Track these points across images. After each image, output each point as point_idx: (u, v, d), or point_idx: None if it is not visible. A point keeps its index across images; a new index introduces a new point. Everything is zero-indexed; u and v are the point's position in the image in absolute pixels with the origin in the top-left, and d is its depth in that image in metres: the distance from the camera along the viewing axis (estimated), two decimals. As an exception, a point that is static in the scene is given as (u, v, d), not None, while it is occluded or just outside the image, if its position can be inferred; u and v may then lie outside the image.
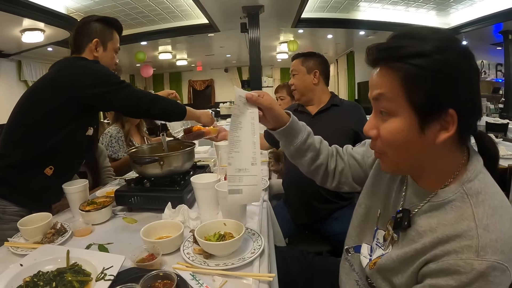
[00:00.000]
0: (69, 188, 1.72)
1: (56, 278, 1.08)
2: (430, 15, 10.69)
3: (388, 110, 0.91)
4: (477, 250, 0.81)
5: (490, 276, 0.79)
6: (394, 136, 0.91)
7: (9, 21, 7.30)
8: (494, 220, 0.84)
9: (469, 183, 0.91)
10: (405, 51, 0.86)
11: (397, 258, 0.99)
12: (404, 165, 0.98)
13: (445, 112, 0.85)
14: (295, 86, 2.56)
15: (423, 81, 0.85)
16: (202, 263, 1.19)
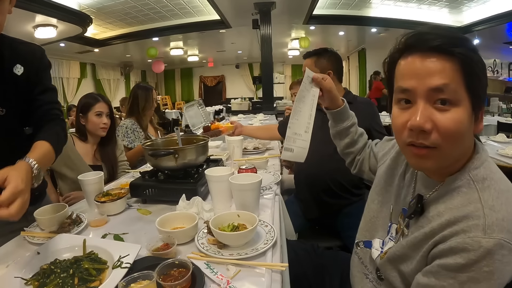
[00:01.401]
0: (85, 180, 1.75)
1: (73, 265, 1.09)
2: (443, 12, 10.60)
3: (453, 99, 0.88)
4: (484, 229, 0.82)
5: (497, 255, 0.80)
6: (458, 125, 0.89)
7: (22, 17, 7.38)
8: (500, 202, 0.86)
9: (475, 170, 0.94)
10: (461, 42, 0.89)
11: (406, 244, 1.01)
12: (451, 158, 0.95)
13: (483, 104, 0.92)
14: None
15: (478, 68, 0.89)
16: (216, 253, 1.20)
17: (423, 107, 0.90)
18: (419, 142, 0.92)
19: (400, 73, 0.97)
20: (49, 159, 1.43)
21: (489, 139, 4.20)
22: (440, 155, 0.92)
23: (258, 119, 6.76)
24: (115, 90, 17.18)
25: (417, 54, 0.92)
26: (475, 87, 0.89)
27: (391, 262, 1.08)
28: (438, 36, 0.90)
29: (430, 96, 0.90)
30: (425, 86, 0.89)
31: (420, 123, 0.89)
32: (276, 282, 1.08)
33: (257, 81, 12.91)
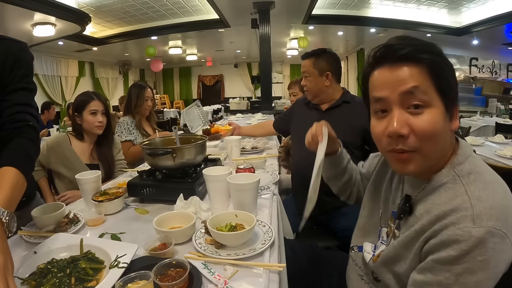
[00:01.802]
0: (82, 179, 1.75)
1: (70, 265, 1.09)
2: (442, 13, 10.62)
3: (424, 102, 0.93)
4: (473, 219, 0.84)
5: (489, 243, 0.82)
6: (433, 126, 0.93)
7: (20, 15, 7.36)
8: (487, 192, 0.89)
9: (459, 165, 0.97)
10: (426, 48, 0.96)
11: (398, 244, 1.03)
12: (432, 158, 0.98)
13: (456, 103, 0.98)
14: (307, 88, 2.54)
15: (445, 70, 0.95)
16: (213, 253, 1.20)
17: (398, 113, 0.95)
18: (399, 148, 0.96)
19: (373, 85, 1.03)
20: (19, 191, 1.22)
21: (487, 140, 4.22)
22: (421, 157, 0.96)
23: (256, 119, 6.76)
24: (113, 89, 17.15)
25: (387, 64, 0.98)
26: (445, 88, 0.94)
27: (385, 264, 1.10)
28: (404, 46, 0.96)
29: (403, 102, 0.94)
30: (397, 92, 0.94)
31: (397, 129, 0.93)
32: (274, 283, 1.07)
33: (255, 80, 12.97)
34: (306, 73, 2.52)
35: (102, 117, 2.56)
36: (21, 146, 1.32)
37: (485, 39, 12.05)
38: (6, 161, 1.22)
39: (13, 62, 1.42)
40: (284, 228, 1.89)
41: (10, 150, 1.29)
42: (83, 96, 2.63)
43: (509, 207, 0.88)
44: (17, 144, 1.32)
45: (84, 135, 2.61)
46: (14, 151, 1.29)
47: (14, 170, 1.21)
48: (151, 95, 3.73)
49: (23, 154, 1.30)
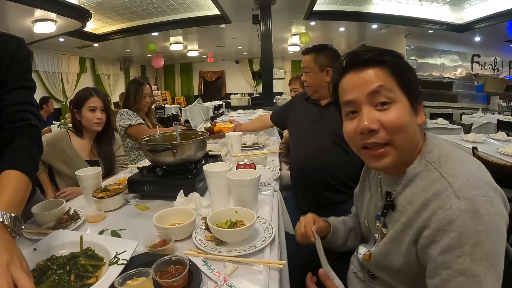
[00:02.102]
0: (83, 175, 1.75)
1: (70, 262, 1.09)
2: (444, 9, 10.60)
3: (390, 98, 1.01)
4: (456, 195, 0.89)
5: (481, 211, 0.86)
6: (400, 119, 1.00)
7: (21, 12, 7.35)
8: (460, 168, 0.95)
9: (429, 154, 1.04)
10: (387, 52, 1.06)
11: (388, 240, 1.07)
12: (406, 150, 1.04)
13: (419, 99, 1.06)
14: (307, 84, 2.54)
15: (406, 70, 1.05)
16: (213, 249, 1.20)
17: (367, 111, 1.03)
18: (371, 141, 1.03)
19: (343, 90, 1.11)
20: (23, 194, 1.16)
21: (489, 137, 4.20)
22: (395, 150, 1.03)
23: (257, 115, 6.75)
24: (114, 85, 17.12)
25: (353, 70, 1.07)
26: (407, 86, 1.03)
27: (378, 263, 1.14)
28: (367, 51, 1.06)
29: (371, 100, 1.03)
30: (365, 93, 1.03)
31: (367, 125, 1.01)
32: (274, 280, 1.07)
33: (257, 76, 12.91)
34: (306, 68, 2.52)
35: (102, 114, 2.54)
36: (23, 146, 1.27)
37: (488, 36, 12.01)
38: (8, 163, 1.18)
39: (10, 60, 1.35)
40: (285, 225, 1.88)
41: (12, 152, 1.24)
42: (82, 92, 2.61)
43: (485, 175, 0.95)
44: (18, 144, 1.27)
45: (83, 131, 2.58)
46: (16, 153, 1.24)
47: (17, 173, 1.16)
48: (150, 92, 3.76)
49: (26, 155, 1.25)
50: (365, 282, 1.28)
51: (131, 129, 3.46)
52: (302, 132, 2.54)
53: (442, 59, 14.05)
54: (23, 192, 1.16)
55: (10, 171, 1.16)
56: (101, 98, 2.58)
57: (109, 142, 2.66)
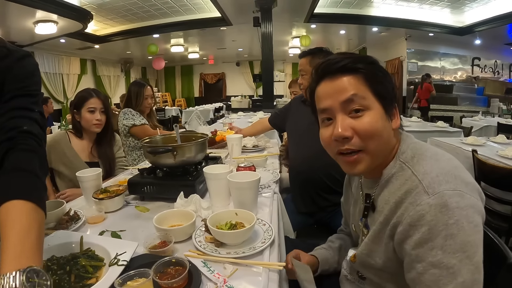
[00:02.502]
0: (83, 176, 1.75)
1: (70, 262, 1.09)
2: (444, 12, 10.61)
3: (363, 106, 1.03)
4: (425, 191, 0.91)
5: (451, 204, 0.87)
6: (374, 125, 1.03)
7: (22, 13, 7.36)
8: (430, 164, 0.98)
9: (403, 154, 1.06)
10: (360, 59, 1.08)
11: (369, 240, 1.10)
12: (381, 156, 1.08)
13: (394, 104, 1.08)
14: (304, 86, 2.54)
15: (380, 77, 1.07)
16: (213, 251, 1.20)
17: (341, 119, 1.05)
18: (345, 148, 1.06)
19: (318, 97, 1.13)
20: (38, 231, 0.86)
21: (489, 140, 4.20)
22: (368, 156, 1.06)
23: (258, 117, 6.75)
24: (115, 87, 17.15)
25: (328, 78, 1.09)
26: (380, 92, 1.05)
27: (363, 263, 1.17)
28: (341, 59, 1.07)
29: (345, 108, 1.05)
30: (338, 101, 1.05)
31: (341, 133, 1.03)
32: (273, 282, 1.07)
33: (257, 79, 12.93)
34: (302, 71, 2.53)
35: (101, 115, 2.53)
36: (18, 164, 0.98)
37: (488, 39, 12.03)
38: (4, 193, 0.89)
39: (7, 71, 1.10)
40: (285, 227, 1.89)
41: (6, 175, 0.95)
42: (82, 93, 2.60)
43: (455, 168, 0.96)
44: (12, 163, 0.97)
45: (83, 132, 2.58)
46: (11, 176, 0.95)
47: (18, 203, 0.87)
48: (151, 93, 3.77)
49: (24, 175, 0.96)
50: (355, 283, 1.30)
51: (135, 129, 3.50)
52: (300, 134, 2.55)
53: (443, 62, 14.06)
54: (35, 228, 0.86)
55: (8, 203, 0.86)
56: (101, 99, 2.58)
57: (109, 144, 2.66)
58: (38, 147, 1.05)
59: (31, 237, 0.82)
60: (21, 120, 1.05)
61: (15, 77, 1.10)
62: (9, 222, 0.82)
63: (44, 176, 1.03)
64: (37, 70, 1.20)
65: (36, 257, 0.80)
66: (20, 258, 0.76)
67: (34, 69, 1.19)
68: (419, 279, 0.91)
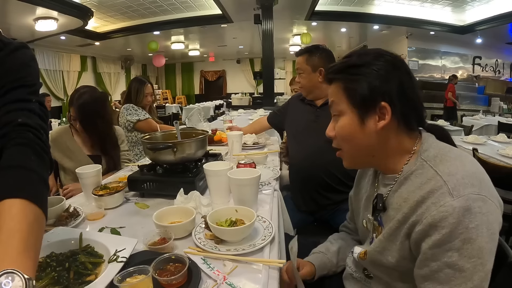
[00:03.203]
0: (83, 173, 1.75)
1: (69, 259, 1.08)
2: (445, 11, 10.60)
3: (338, 112, 1.14)
4: (450, 193, 0.90)
5: (474, 208, 0.87)
6: (343, 130, 1.13)
7: (22, 10, 7.36)
8: (455, 166, 0.97)
9: (425, 152, 1.06)
10: (340, 66, 1.14)
11: (383, 237, 1.10)
12: (359, 156, 1.16)
13: (379, 105, 1.05)
14: (301, 85, 2.55)
15: (355, 85, 1.09)
16: (213, 248, 1.19)
17: (332, 120, 1.19)
18: (333, 146, 1.20)
19: None
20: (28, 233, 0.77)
21: (490, 139, 4.20)
22: (346, 154, 1.18)
23: (258, 114, 6.73)
24: (115, 84, 17.15)
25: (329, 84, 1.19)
26: (354, 98, 1.09)
27: (374, 260, 1.16)
28: (330, 70, 1.17)
29: (332, 112, 1.18)
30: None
31: (327, 132, 1.20)
32: (273, 279, 1.07)
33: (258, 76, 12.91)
34: (299, 69, 2.53)
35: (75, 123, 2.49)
36: (8, 162, 0.90)
37: (489, 37, 12.02)
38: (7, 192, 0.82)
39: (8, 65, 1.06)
40: (285, 224, 1.88)
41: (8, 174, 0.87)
42: (70, 97, 2.57)
43: (479, 172, 0.96)
44: (3, 161, 0.90)
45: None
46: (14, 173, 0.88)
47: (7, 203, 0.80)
48: (151, 91, 3.80)
49: (14, 171, 0.88)
50: (361, 282, 1.30)
51: (141, 124, 3.54)
52: (299, 132, 2.54)
53: (443, 61, 14.06)
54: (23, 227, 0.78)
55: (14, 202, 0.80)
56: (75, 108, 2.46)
57: (110, 137, 2.64)
58: (35, 139, 0.97)
59: (16, 238, 0.75)
60: (16, 114, 0.98)
61: (8, 70, 1.05)
62: (10, 231, 0.76)
63: (44, 168, 0.96)
64: (32, 60, 1.14)
65: (23, 258, 0.73)
66: (3, 262, 0.69)
67: (29, 60, 1.13)
68: (432, 276, 0.93)
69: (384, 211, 1.14)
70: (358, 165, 1.22)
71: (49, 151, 1.02)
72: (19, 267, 0.68)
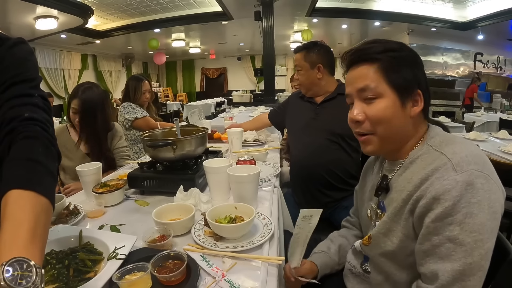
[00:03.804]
0: (83, 170, 1.75)
1: (69, 256, 1.08)
2: (447, 7, 10.55)
3: (376, 94, 1.10)
4: (454, 168, 0.95)
5: (476, 184, 0.91)
6: (383, 112, 1.10)
7: (22, 8, 7.35)
8: (459, 147, 1.02)
9: (431, 139, 1.11)
10: (378, 48, 1.12)
11: (388, 218, 1.12)
12: (391, 141, 1.14)
13: (415, 91, 1.11)
14: (300, 82, 2.53)
15: (398, 66, 1.10)
16: (212, 245, 1.20)
17: (356, 104, 1.16)
18: (356, 131, 1.18)
19: (345, 84, 1.23)
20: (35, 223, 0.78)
21: (491, 135, 4.19)
22: (377, 139, 1.14)
23: (259, 111, 6.72)
24: (116, 82, 17.15)
25: (351, 66, 1.19)
26: (396, 81, 1.10)
27: (376, 244, 1.18)
28: (359, 50, 1.16)
29: (360, 95, 1.14)
30: (355, 88, 1.15)
31: (354, 116, 1.15)
32: (272, 276, 1.07)
33: (259, 73, 12.95)
34: (298, 66, 2.52)
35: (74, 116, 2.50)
36: (16, 155, 0.91)
37: (490, 34, 11.98)
38: (3, 185, 0.83)
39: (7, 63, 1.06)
40: (285, 221, 1.88)
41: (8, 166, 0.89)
42: (72, 91, 2.57)
43: (483, 156, 1.00)
44: (12, 154, 0.92)
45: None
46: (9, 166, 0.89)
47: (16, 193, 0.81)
48: (149, 88, 3.83)
49: (22, 164, 0.89)
50: (360, 277, 1.32)
51: (138, 122, 3.57)
52: (300, 130, 2.53)
53: (445, 57, 14.02)
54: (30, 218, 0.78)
55: (6, 195, 0.81)
56: (81, 99, 2.48)
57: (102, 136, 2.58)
58: (42, 132, 0.99)
59: (24, 228, 0.75)
60: (21, 109, 0.99)
61: (8, 66, 1.05)
62: (6, 214, 0.77)
63: (52, 160, 0.97)
64: (31, 55, 1.15)
65: (30, 247, 0.73)
66: (11, 251, 0.70)
67: (27, 54, 1.13)
68: (433, 251, 0.95)
69: (387, 191, 1.19)
70: (383, 150, 1.19)
71: (56, 144, 1.04)
72: (27, 255, 0.69)
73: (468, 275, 0.90)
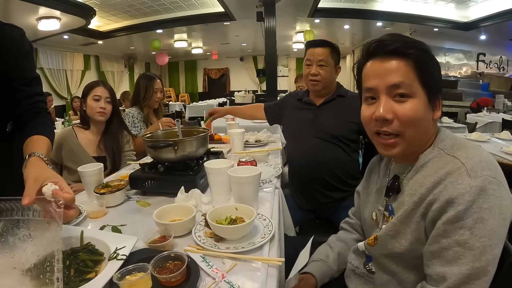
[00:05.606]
0: (84, 171, 1.75)
1: (70, 257, 1.09)
2: (449, 7, 10.53)
3: (409, 92, 1.05)
4: (468, 173, 0.95)
5: (489, 190, 0.91)
6: (415, 113, 1.05)
7: (25, 9, 7.37)
8: (472, 152, 1.02)
9: (442, 142, 1.10)
10: (413, 44, 1.07)
11: (397, 220, 1.11)
12: (417, 143, 1.11)
13: (439, 94, 1.10)
14: (321, 78, 2.42)
15: (429, 66, 1.07)
16: (212, 246, 1.20)
17: (385, 101, 1.08)
18: (383, 129, 1.10)
19: (365, 75, 1.16)
20: (49, 151, 1.44)
21: (494, 136, 4.18)
22: (404, 141, 1.09)
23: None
24: (119, 82, 17.18)
25: (378, 58, 1.11)
26: (428, 81, 1.07)
27: (383, 246, 1.17)
28: (394, 42, 1.08)
29: (390, 91, 1.08)
30: (385, 84, 1.08)
31: (383, 114, 1.07)
32: (272, 277, 1.07)
33: (261, 74, 12.93)
34: (323, 61, 2.41)
35: (106, 105, 2.55)
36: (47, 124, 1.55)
37: (493, 34, 11.94)
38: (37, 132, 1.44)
39: (18, 51, 1.47)
40: (286, 222, 1.88)
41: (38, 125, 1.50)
42: (91, 82, 2.66)
43: (495, 161, 1.00)
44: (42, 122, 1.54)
45: (90, 123, 2.60)
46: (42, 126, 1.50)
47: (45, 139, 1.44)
48: (161, 87, 3.60)
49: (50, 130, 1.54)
50: (364, 278, 1.30)
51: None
52: (298, 132, 2.52)
53: (447, 58, 13.98)
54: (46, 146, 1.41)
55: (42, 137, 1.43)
56: (108, 89, 2.60)
57: (116, 137, 2.66)
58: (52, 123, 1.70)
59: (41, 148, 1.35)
60: (43, 104, 1.61)
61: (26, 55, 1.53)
62: (34, 141, 1.39)
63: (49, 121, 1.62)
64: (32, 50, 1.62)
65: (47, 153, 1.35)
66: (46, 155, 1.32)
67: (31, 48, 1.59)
68: (440, 253, 0.95)
69: (398, 192, 1.17)
70: (407, 153, 1.12)
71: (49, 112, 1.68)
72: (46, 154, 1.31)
73: (473, 279, 0.91)
